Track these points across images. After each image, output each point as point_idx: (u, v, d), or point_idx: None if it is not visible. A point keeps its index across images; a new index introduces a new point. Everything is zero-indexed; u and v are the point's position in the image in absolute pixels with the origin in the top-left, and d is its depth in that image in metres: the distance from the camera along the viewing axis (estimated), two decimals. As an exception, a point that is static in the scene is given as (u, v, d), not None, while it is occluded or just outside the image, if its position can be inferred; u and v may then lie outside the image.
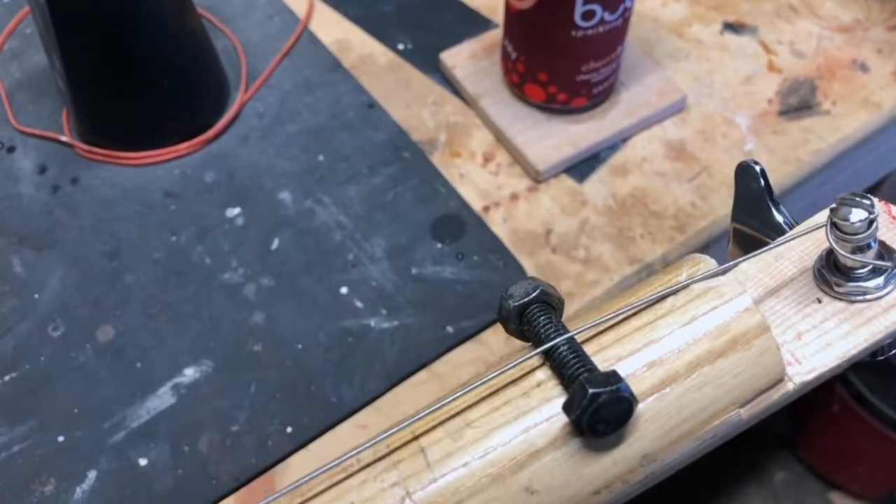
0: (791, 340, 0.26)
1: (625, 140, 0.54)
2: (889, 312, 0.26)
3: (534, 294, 0.24)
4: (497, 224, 0.50)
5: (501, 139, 0.53)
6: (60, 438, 0.43)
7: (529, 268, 0.48)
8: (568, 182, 0.52)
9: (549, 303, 0.24)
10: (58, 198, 0.51)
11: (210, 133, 0.52)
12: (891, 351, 0.26)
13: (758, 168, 0.29)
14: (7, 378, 0.45)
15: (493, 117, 0.53)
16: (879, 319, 0.25)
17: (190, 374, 0.45)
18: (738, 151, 0.53)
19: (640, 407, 0.23)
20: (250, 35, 0.58)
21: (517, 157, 0.53)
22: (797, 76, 0.57)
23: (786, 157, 0.53)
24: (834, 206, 0.24)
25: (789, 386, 0.25)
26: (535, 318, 0.24)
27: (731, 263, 0.26)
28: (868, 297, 0.26)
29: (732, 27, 0.59)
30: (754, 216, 0.29)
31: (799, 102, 0.55)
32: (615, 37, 0.49)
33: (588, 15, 0.46)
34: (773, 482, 1.03)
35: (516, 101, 0.54)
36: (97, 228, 0.50)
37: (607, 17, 0.47)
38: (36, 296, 0.48)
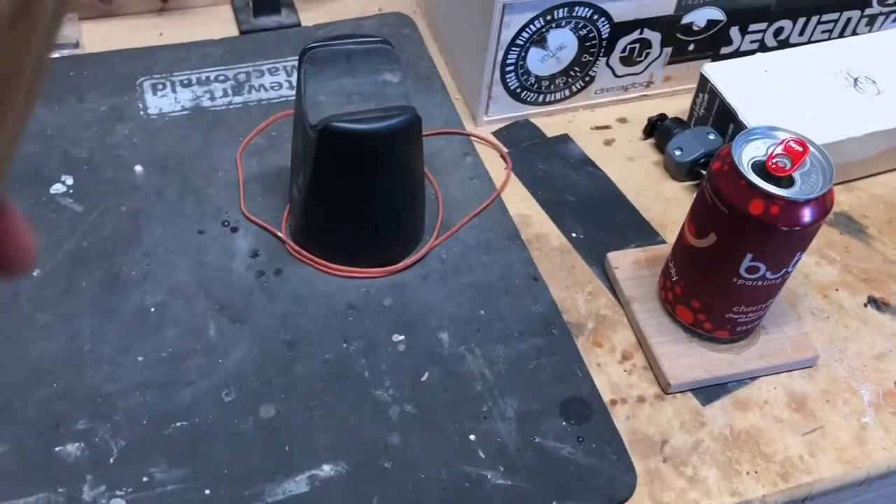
0: None
1: (753, 378, 0.58)
2: None
3: None
4: (620, 419, 0.56)
5: (643, 343, 0.59)
6: (207, 491, 0.50)
7: (640, 469, 0.53)
8: (693, 401, 0.57)
9: None
10: (261, 282, 0.60)
11: (399, 266, 0.61)
12: None
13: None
14: (179, 424, 0.53)
15: (640, 322, 0.59)
16: None
17: (327, 469, 0.51)
18: (854, 421, 0.57)
19: None
20: (452, 190, 0.67)
21: (652, 364, 0.58)
22: (927, 366, 0.60)
23: (900, 440, 0.56)
24: None
25: None
26: None
27: None
28: None
29: (876, 303, 0.64)
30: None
31: (924, 392, 0.59)
32: (770, 292, 0.55)
33: (752, 269, 0.52)
34: None
35: (664, 315, 0.60)
36: (285, 318, 0.58)
37: (769, 275, 0.53)
38: (220, 361, 0.56)
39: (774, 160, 0.50)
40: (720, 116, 0.69)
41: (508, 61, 0.68)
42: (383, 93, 0.54)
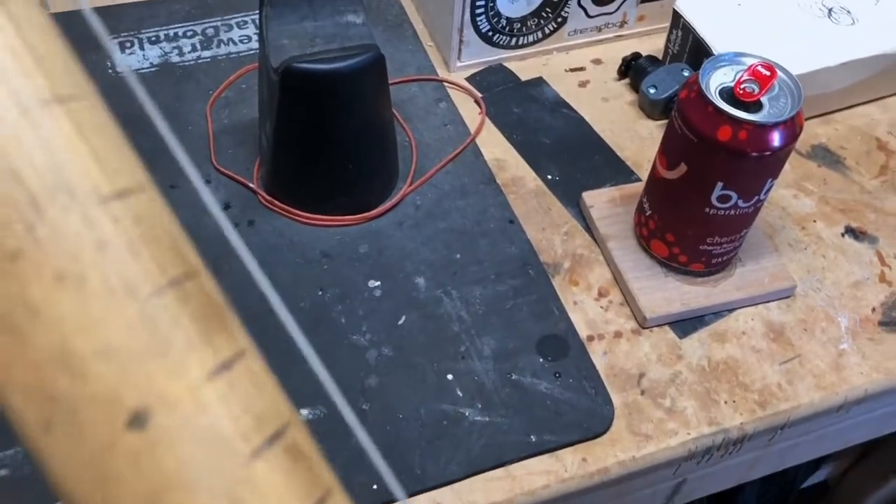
0: None
1: (730, 310, 0.58)
2: None
3: None
4: (597, 355, 0.56)
5: (619, 280, 0.59)
6: (186, 438, 0.50)
7: (618, 402, 0.53)
8: (670, 334, 0.57)
9: None
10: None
11: (373, 213, 0.60)
12: None
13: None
14: (156, 374, 0.53)
15: (616, 259, 0.59)
16: None
17: (305, 413, 0.52)
18: (832, 348, 0.57)
19: None
20: (425, 136, 0.66)
21: (629, 300, 0.58)
22: (905, 293, 0.60)
23: (877, 365, 0.56)
24: None
25: None
26: None
27: None
28: None
29: (854, 232, 0.64)
30: None
31: (901, 318, 0.59)
32: (744, 221, 0.55)
33: (724, 198, 0.52)
34: None
35: (640, 251, 0.60)
36: (259, 269, 0.58)
37: (741, 203, 0.53)
38: (196, 311, 0.56)
39: (742, 86, 0.50)
40: (694, 52, 0.69)
41: (478, 3, 0.68)
42: (346, 34, 0.54)
